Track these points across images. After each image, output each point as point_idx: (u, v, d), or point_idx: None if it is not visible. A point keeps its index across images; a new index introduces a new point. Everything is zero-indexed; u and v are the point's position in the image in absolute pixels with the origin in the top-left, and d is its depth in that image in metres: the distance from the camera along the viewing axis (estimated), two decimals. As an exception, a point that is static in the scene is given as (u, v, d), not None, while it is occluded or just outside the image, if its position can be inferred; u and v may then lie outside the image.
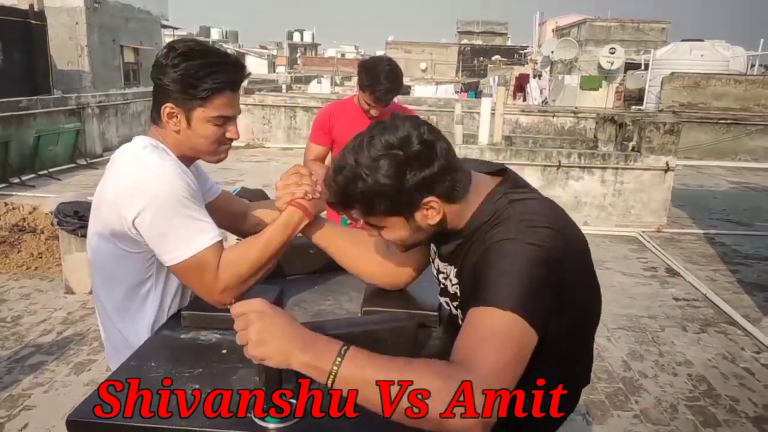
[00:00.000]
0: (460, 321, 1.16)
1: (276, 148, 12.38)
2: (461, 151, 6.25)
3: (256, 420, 0.97)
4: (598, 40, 21.01)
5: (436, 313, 1.35)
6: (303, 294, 1.52)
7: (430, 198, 1.10)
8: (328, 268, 1.60)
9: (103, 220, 1.35)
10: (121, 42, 16.15)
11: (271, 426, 0.97)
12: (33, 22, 11.96)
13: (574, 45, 20.98)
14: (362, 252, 1.44)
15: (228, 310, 1.09)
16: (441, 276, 1.31)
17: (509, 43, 43.80)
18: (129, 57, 16.74)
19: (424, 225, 1.14)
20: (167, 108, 1.34)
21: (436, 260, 1.32)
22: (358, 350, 0.94)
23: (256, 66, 37.44)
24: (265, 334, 0.93)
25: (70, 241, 4.11)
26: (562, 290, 1.07)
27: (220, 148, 1.42)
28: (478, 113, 8.35)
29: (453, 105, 10.88)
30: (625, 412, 2.98)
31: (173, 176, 1.29)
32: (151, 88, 1.39)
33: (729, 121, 12.59)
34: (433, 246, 1.33)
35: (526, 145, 8.43)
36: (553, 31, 26.77)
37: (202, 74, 1.30)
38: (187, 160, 1.42)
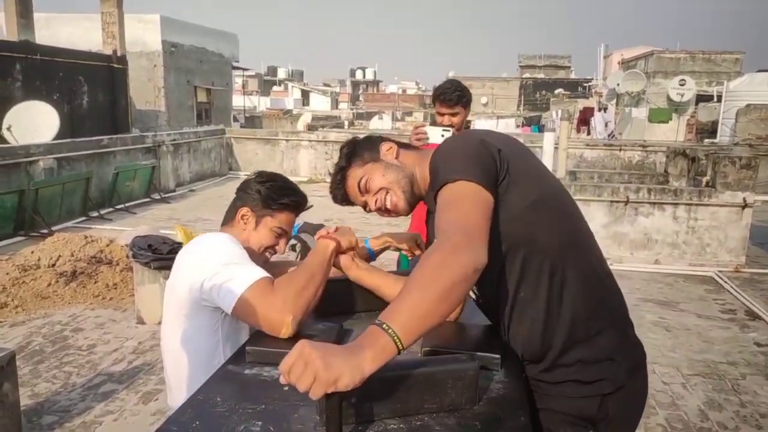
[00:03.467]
0: None
1: (338, 183, 12.56)
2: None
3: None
4: (667, 72, 20.43)
5: (498, 356, 1.32)
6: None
7: (382, 142, 1.59)
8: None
9: (175, 302, 1.61)
10: (195, 83, 17.06)
11: (331, 467, 0.96)
12: (115, 66, 12.83)
13: (641, 77, 20.49)
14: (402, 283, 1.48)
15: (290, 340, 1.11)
16: None
17: (572, 76, 43.27)
18: (202, 97, 17.64)
19: (391, 160, 1.56)
20: (243, 210, 1.70)
21: None
22: (385, 312, 1.05)
23: (319, 103, 38.56)
24: (327, 357, 0.96)
25: (143, 273, 4.30)
26: (502, 159, 1.30)
27: (264, 253, 1.72)
28: (540, 147, 8.24)
29: (515, 140, 10.74)
30: (703, 466, 2.79)
31: (225, 240, 1.57)
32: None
33: (812, 155, 11.85)
34: None
35: (592, 180, 8.19)
36: (618, 63, 26.27)
37: (281, 193, 1.72)
38: None
